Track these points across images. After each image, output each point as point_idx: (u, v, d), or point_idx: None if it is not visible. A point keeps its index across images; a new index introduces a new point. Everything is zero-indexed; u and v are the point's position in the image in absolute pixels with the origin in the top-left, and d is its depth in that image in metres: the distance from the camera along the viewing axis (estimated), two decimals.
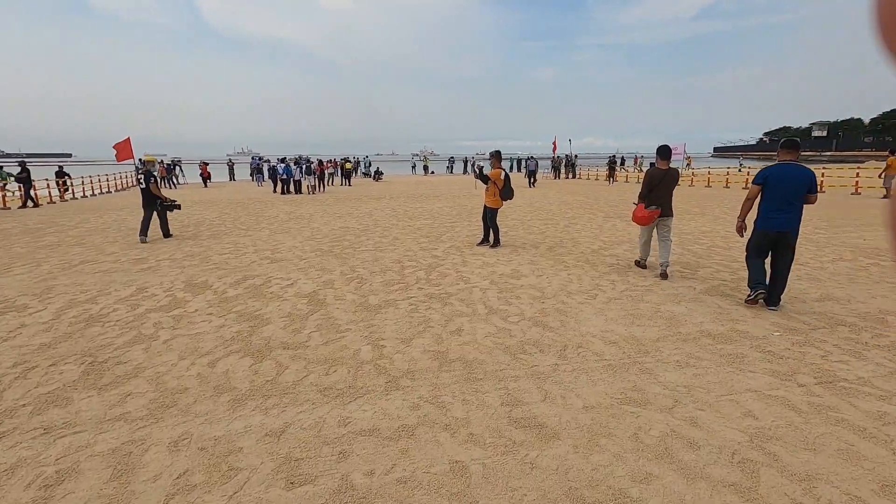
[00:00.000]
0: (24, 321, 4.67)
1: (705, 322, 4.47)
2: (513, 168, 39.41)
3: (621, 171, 31.98)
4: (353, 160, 36.44)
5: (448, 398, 3.14)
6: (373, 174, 33.53)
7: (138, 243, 8.80)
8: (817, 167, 21.93)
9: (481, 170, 7.92)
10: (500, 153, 7.69)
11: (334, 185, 26.89)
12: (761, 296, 4.78)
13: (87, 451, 2.61)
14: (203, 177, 27.41)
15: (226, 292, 5.57)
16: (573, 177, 32.10)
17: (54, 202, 17.78)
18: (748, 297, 4.88)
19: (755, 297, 4.79)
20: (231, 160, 35.62)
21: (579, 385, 3.29)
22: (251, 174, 31.49)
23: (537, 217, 12.02)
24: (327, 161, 32.91)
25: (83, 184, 21.46)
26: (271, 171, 25.52)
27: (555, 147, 33.01)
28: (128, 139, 21.90)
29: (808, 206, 4.77)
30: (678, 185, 6.48)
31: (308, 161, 25.55)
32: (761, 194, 4.76)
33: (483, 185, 7.83)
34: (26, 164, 16.11)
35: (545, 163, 33.94)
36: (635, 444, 2.62)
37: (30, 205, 16.08)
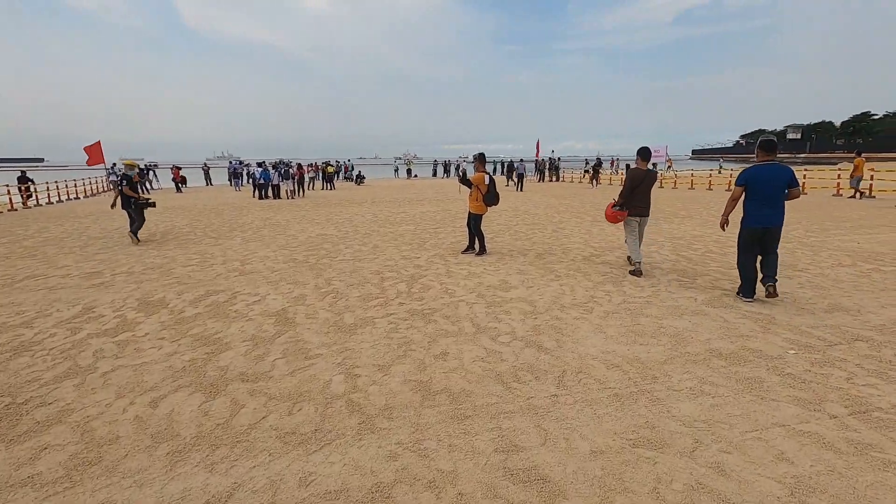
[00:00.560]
0: None
1: (713, 339, 4.08)
2: (496, 171, 39.08)
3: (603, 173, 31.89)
4: (335, 164, 35.78)
5: (432, 443, 2.66)
6: (355, 178, 32.88)
7: (96, 254, 8.13)
8: (795, 169, 22.07)
9: (464, 174, 7.48)
10: (483, 156, 7.26)
11: (315, 190, 26.21)
12: (748, 296, 5.11)
13: None
14: (176, 182, 26.43)
15: (183, 311, 5.00)
16: (557, 179, 31.96)
17: (15, 209, 16.77)
18: (740, 294, 5.21)
19: (743, 294, 5.17)
20: (206, 164, 34.59)
21: (583, 422, 2.85)
22: (229, 179, 30.61)
23: (524, 222, 11.63)
24: (308, 165, 32.20)
25: (48, 190, 20.38)
26: (250, 176, 24.76)
27: (538, 150, 32.85)
28: (98, 143, 20.93)
29: (797, 209, 4.77)
30: (661, 186, 6.32)
31: (287, 165, 24.84)
32: (745, 194, 4.99)
33: (467, 190, 7.39)
34: None
35: (529, 165, 33.73)
36: (657, 502, 2.18)
37: None
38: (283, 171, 22.23)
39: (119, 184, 9.28)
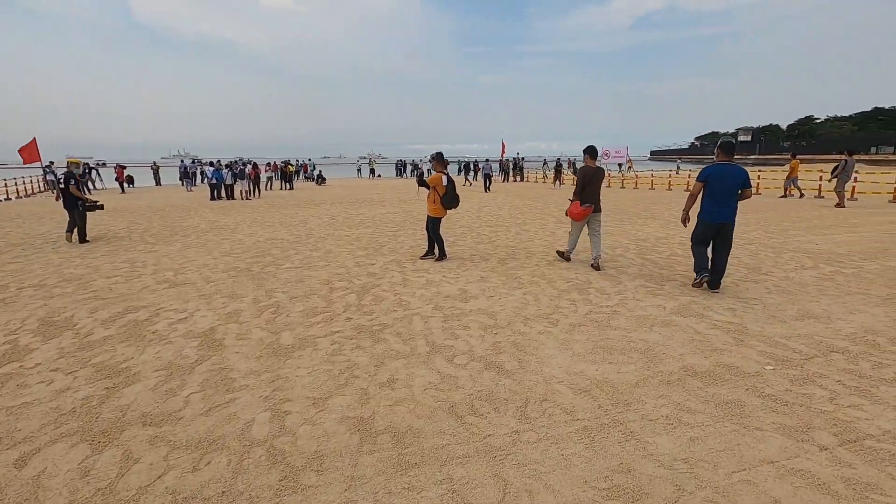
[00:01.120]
0: None
1: (686, 354, 3.77)
2: (460, 172, 38.70)
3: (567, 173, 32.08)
4: (295, 163, 34.52)
5: None
6: (315, 178, 31.82)
7: (7, 263, 7.18)
8: (748, 169, 22.72)
9: (422, 175, 7.00)
10: (441, 155, 6.80)
11: (273, 190, 25.08)
12: (706, 279, 5.38)
13: None
14: (119, 182, 24.73)
15: (92, 333, 4.30)
16: (521, 179, 31.95)
17: None
18: (695, 280, 5.47)
19: (700, 280, 5.41)
20: (156, 163, 32.66)
21: (549, 466, 2.43)
22: (180, 178, 28.99)
23: (486, 223, 11.26)
24: (266, 164, 30.87)
25: None
26: (204, 176, 23.44)
27: (503, 150, 32.76)
28: (33, 140, 19.29)
29: (754, 210, 4.91)
30: (622, 187, 6.36)
31: (243, 164, 23.65)
32: (703, 191, 5.31)
33: (427, 192, 6.91)
34: None
35: (494, 165, 33.55)
36: None
37: None
38: (237, 170, 21.11)
39: (58, 183, 9.03)
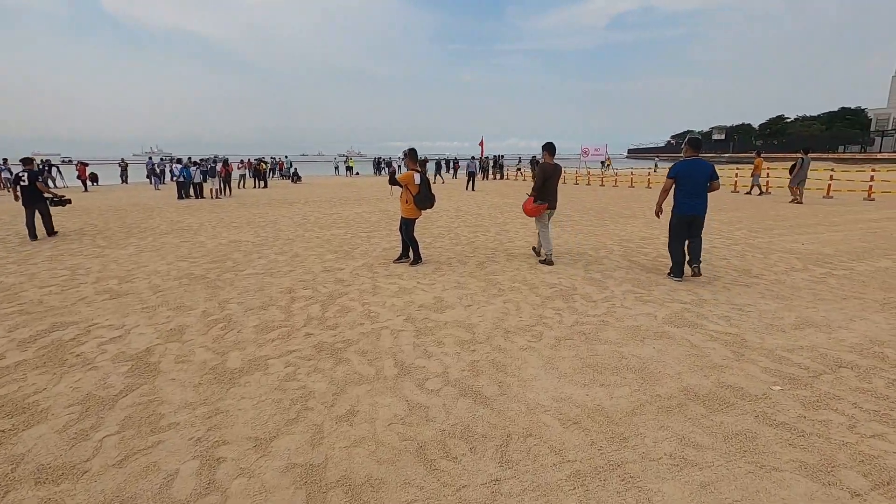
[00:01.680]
0: None
1: (684, 372, 3.38)
2: (440, 170, 38.05)
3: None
4: (269, 161, 33.44)
5: None
6: (290, 176, 30.90)
7: None
8: (721, 167, 22.87)
9: (393, 173, 6.50)
10: (414, 151, 6.30)
11: (246, 189, 24.15)
12: (677, 280, 5.76)
13: None
14: (82, 179, 23.48)
15: (3, 358, 3.69)
16: (501, 177, 31.64)
17: None
18: (669, 275, 5.89)
19: (674, 275, 5.82)
20: (124, 160, 31.27)
21: None
22: (148, 176, 27.77)
23: (466, 223, 10.82)
24: (240, 161, 29.80)
25: None
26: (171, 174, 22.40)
27: (482, 147, 32.38)
28: None
29: (736, 208, 4.87)
30: (601, 185, 6.04)
31: (213, 161, 22.70)
32: (675, 186, 5.63)
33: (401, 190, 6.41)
34: None
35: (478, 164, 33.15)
36: None
37: None
38: (207, 168, 20.20)
39: (22, 178, 8.96)
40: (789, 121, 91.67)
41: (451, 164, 37.08)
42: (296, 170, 31.49)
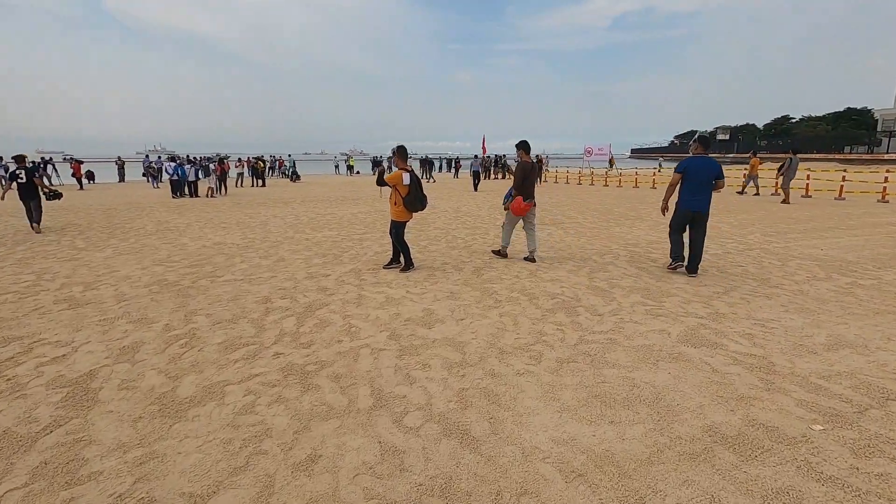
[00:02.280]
0: None
1: (706, 405, 2.90)
2: (442, 168, 37.45)
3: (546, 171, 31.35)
4: (268, 159, 32.96)
5: None
6: (289, 175, 30.45)
7: None
8: (728, 167, 22.32)
9: (382, 173, 6.02)
10: (404, 149, 5.79)
11: (243, 187, 23.70)
12: (680, 266, 5.88)
13: None
14: (77, 177, 23.08)
15: None
16: (503, 177, 31.12)
17: None
18: (669, 265, 5.97)
19: (675, 266, 5.90)
20: (120, 158, 30.88)
21: None
22: (143, 174, 27.42)
23: (464, 225, 10.34)
24: (238, 160, 29.36)
25: None
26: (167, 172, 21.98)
27: (484, 147, 31.88)
28: None
29: (746, 210, 4.79)
30: (605, 185, 5.58)
31: (208, 160, 22.29)
32: (681, 181, 5.68)
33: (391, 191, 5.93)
34: None
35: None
36: None
37: None
38: (201, 166, 19.79)
39: (20, 176, 9.20)
40: (794, 121, 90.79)
41: (451, 164, 36.59)
42: (295, 168, 31.01)
